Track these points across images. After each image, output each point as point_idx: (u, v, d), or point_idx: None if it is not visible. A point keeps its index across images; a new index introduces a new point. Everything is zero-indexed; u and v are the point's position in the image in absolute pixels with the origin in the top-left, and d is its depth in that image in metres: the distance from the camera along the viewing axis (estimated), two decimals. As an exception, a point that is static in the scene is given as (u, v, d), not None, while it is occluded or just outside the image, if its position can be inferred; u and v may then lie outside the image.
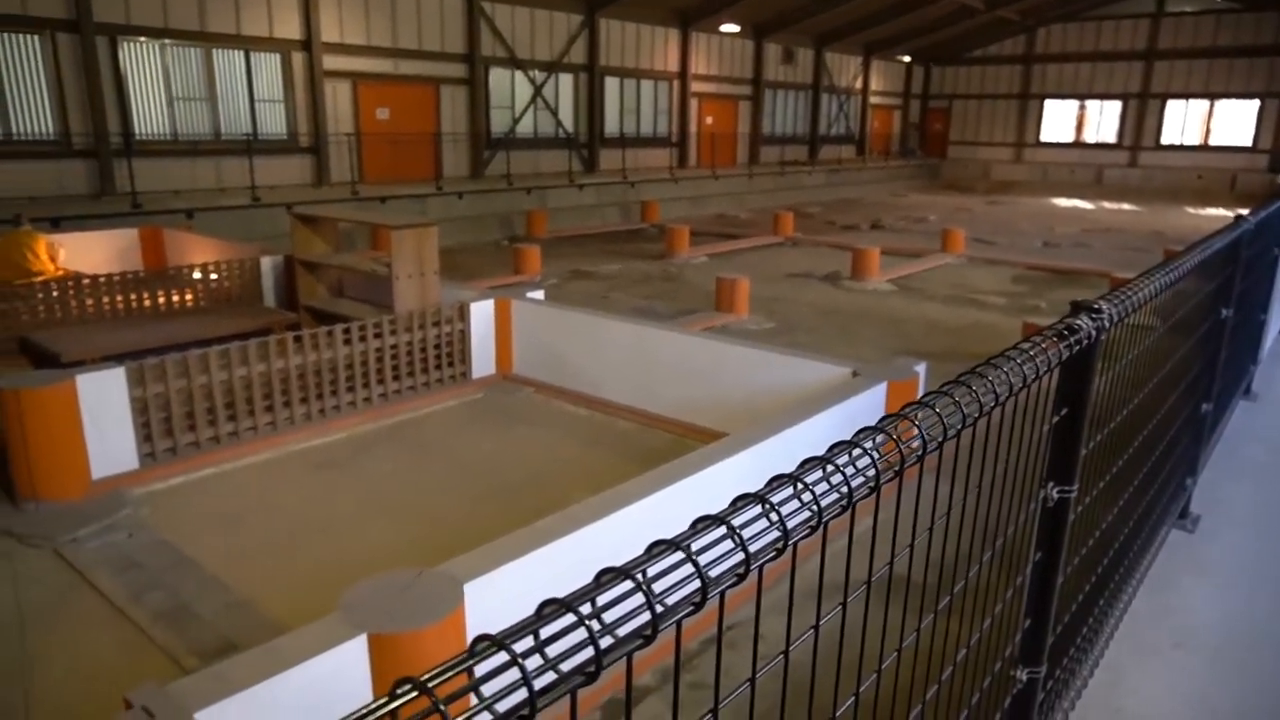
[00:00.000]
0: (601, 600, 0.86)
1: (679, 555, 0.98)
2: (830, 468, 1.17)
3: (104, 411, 5.14)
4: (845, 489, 1.11)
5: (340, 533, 4.83)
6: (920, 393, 5.50)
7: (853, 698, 1.18)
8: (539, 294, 7.63)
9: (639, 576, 0.91)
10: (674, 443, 6.12)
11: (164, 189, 13.97)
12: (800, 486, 1.12)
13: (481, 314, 7.12)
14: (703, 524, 1.03)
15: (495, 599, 2.88)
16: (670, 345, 6.49)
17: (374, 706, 0.64)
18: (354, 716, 0.62)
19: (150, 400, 5.36)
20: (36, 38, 12.76)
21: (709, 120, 25.47)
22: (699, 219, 19.73)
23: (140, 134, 13.96)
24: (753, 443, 4.29)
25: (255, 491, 5.39)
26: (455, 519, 4.99)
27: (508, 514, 4.88)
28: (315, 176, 16.25)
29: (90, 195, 13.29)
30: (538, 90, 20.22)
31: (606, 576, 0.89)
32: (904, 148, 34.45)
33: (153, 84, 14.14)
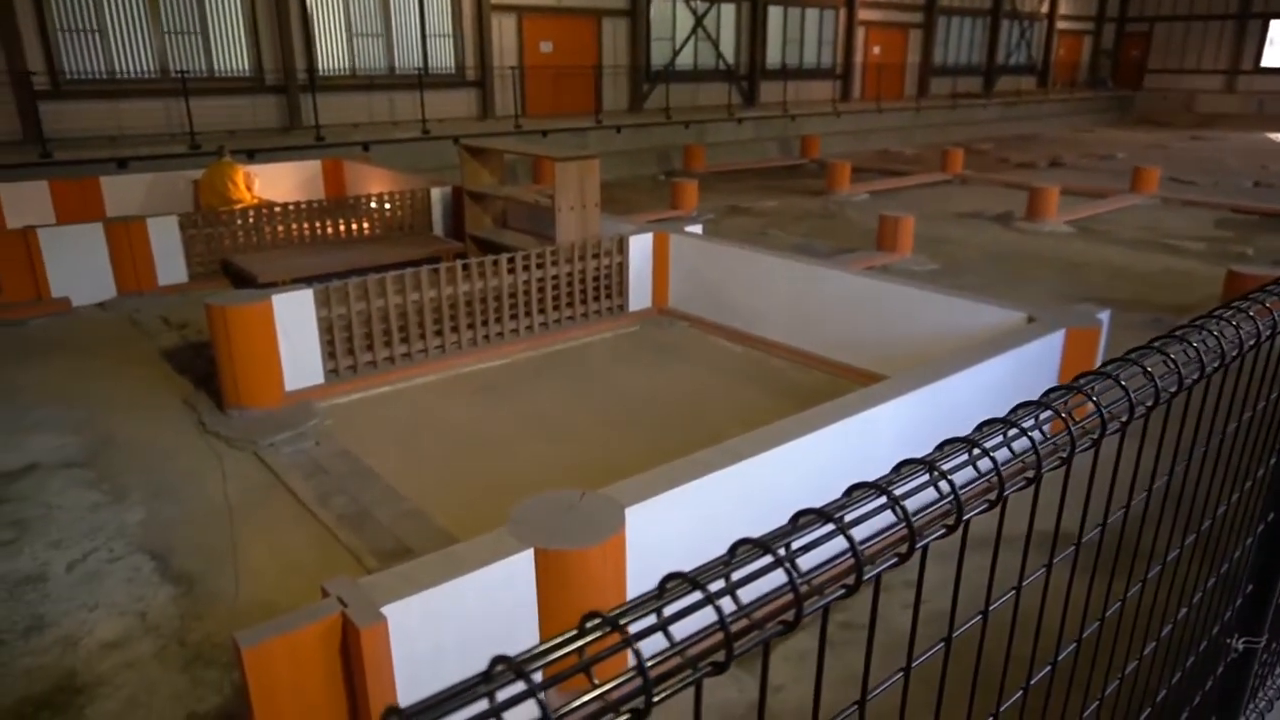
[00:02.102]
0: (796, 544, 0.79)
1: (880, 500, 0.88)
2: (1018, 430, 1.03)
3: (295, 329, 5.57)
4: (995, 477, 0.96)
5: (502, 452, 5.07)
6: (1102, 344, 5.12)
7: (1076, 644, 1.13)
8: (697, 228, 7.60)
9: (840, 519, 0.83)
10: (829, 382, 6.01)
11: (343, 122, 14.75)
12: (976, 451, 0.97)
13: (640, 247, 7.17)
14: (908, 468, 0.93)
15: (654, 524, 2.95)
16: (829, 283, 6.32)
17: (564, 639, 0.63)
18: (545, 648, 0.61)
19: (334, 320, 5.76)
20: (234, -21, 13.63)
21: (876, 50, 24.22)
22: (861, 155, 18.97)
23: (323, 70, 14.74)
24: (917, 386, 4.14)
25: (425, 410, 5.73)
26: (610, 446, 5.13)
27: (660, 445, 4.97)
28: (480, 110, 16.70)
29: (279, 129, 14.22)
30: (699, 21, 19.82)
31: (804, 518, 0.82)
32: (1093, 78, 31.61)
33: (335, 21, 14.85)
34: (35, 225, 7.54)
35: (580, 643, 0.64)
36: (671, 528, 3.07)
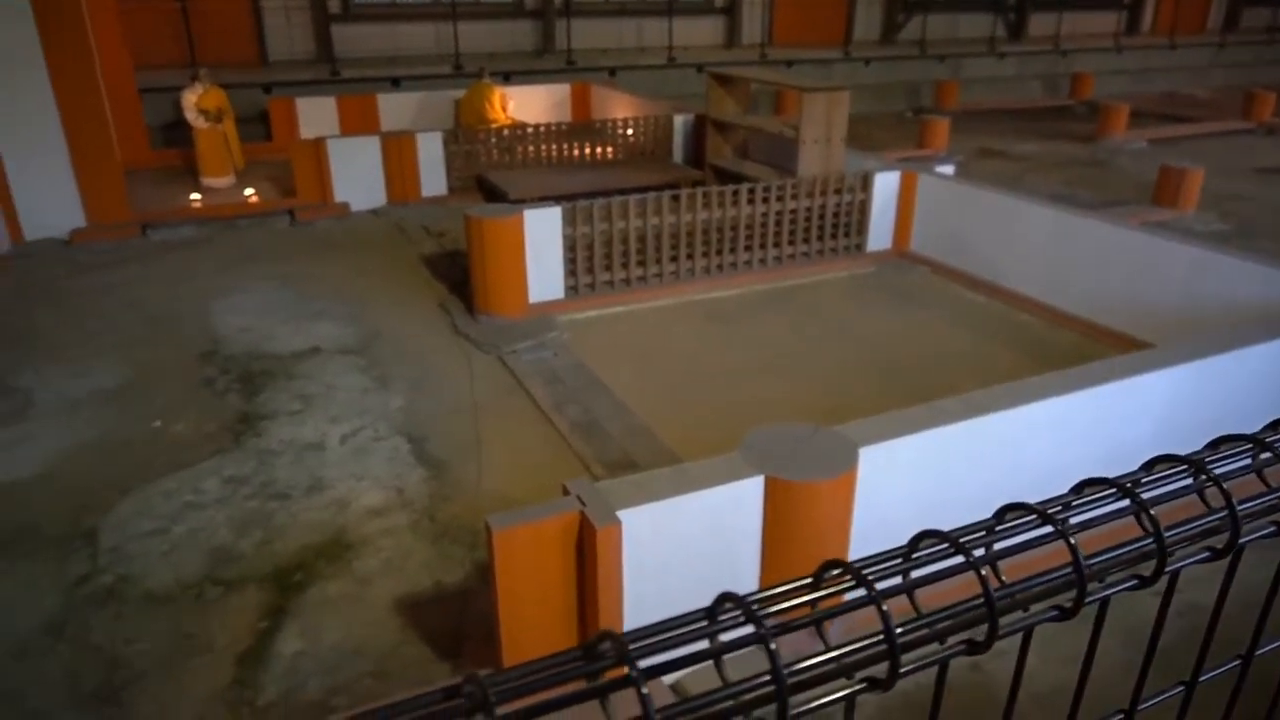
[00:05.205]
0: (999, 545, 0.66)
1: (1121, 502, 0.70)
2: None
3: (542, 245, 5.87)
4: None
5: (729, 380, 5.13)
6: None
7: None
8: (948, 169, 7.15)
9: (1062, 522, 0.67)
10: (1083, 344, 5.54)
11: (593, 48, 15.10)
12: (1266, 456, 0.78)
13: (885, 186, 6.86)
14: (1164, 465, 0.75)
15: (886, 468, 2.88)
16: (1094, 236, 5.76)
17: (797, 586, 0.59)
18: (782, 590, 0.58)
19: (578, 239, 6.01)
20: (503, -96, 14.18)
21: (1176, -25, 21.25)
22: (1142, 97, 16.90)
23: (578, -5, 15.11)
24: (1189, 359, 3.72)
25: (657, 332, 5.89)
26: (837, 387, 5.04)
27: (890, 391, 4.82)
28: (726, 38, 16.48)
29: (534, 53, 14.80)
30: (968, -57, 18.28)
31: (1013, 514, 0.68)
32: None
33: (592, -54, 15.12)
34: (325, 136, 8.40)
35: (814, 595, 0.58)
36: (903, 474, 2.99)
